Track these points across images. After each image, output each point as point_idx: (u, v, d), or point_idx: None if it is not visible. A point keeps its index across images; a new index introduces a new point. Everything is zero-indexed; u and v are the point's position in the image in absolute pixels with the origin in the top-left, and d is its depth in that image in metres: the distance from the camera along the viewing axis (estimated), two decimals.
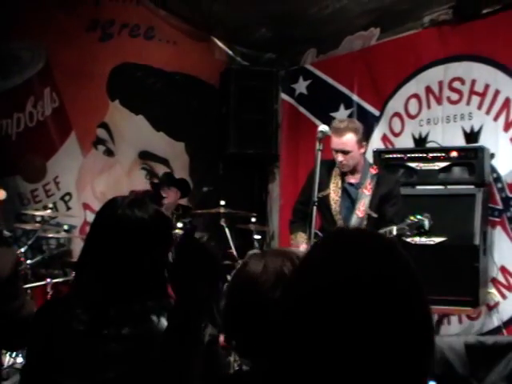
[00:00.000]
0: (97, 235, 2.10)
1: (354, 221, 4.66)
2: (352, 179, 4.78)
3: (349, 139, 4.61)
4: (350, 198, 4.77)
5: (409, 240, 4.97)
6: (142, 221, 2.04)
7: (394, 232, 4.31)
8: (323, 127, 4.32)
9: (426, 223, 4.29)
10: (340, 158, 4.62)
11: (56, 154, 6.88)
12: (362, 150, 4.75)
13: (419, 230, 4.31)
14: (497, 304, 5.39)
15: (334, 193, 4.73)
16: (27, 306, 2.75)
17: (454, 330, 5.55)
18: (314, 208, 3.98)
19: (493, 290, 5.39)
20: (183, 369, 1.59)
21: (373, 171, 4.78)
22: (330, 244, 1.17)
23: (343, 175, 4.76)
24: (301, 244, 4.56)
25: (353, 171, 4.76)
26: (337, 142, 4.62)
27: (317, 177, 4.16)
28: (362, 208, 4.66)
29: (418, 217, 4.30)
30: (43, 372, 1.97)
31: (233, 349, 3.12)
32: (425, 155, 5.49)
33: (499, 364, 4.53)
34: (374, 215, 4.68)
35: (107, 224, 2.07)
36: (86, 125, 7.02)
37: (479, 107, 5.62)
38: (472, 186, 5.29)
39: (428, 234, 4.35)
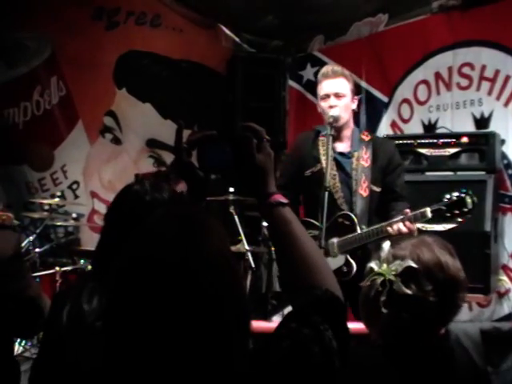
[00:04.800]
0: (127, 226, 2.01)
1: (359, 203, 3.94)
2: (342, 148, 4.09)
3: (342, 82, 4.01)
4: (343, 170, 4.04)
5: (419, 226, 4.92)
6: (169, 201, 2.03)
7: (429, 214, 3.57)
8: (334, 111, 4.15)
9: (469, 200, 3.52)
10: (333, 101, 3.96)
11: (63, 142, 6.86)
12: (354, 105, 4.10)
13: (461, 210, 3.52)
14: (507, 291, 5.36)
15: (329, 166, 3.80)
16: (34, 287, 2.74)
17: (464, 318, 5.52)
18: (326, 194, 3.76)
19: (503, 277, 5.36)
20: None
21: (365, 138, 4.10)
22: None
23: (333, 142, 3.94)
24: None
25: (341, 137, 4.08)
26: (328, 84, 4.01)
27: (330, 159, 3.78)
28: (364, 185, 3.95)
29: (456, 194, 3.54)
30: (57, 364, 1.94)
31: None
32: (435, 141, 5.44)
33: None
34: (377, 190, 4.00)
35: (138, 213, 1.95)
36: (93, 113, 6.99)
37: (489, 93, 5.57)
38: (483, 173, 5.25)
39: (471, 213, 3.54)
